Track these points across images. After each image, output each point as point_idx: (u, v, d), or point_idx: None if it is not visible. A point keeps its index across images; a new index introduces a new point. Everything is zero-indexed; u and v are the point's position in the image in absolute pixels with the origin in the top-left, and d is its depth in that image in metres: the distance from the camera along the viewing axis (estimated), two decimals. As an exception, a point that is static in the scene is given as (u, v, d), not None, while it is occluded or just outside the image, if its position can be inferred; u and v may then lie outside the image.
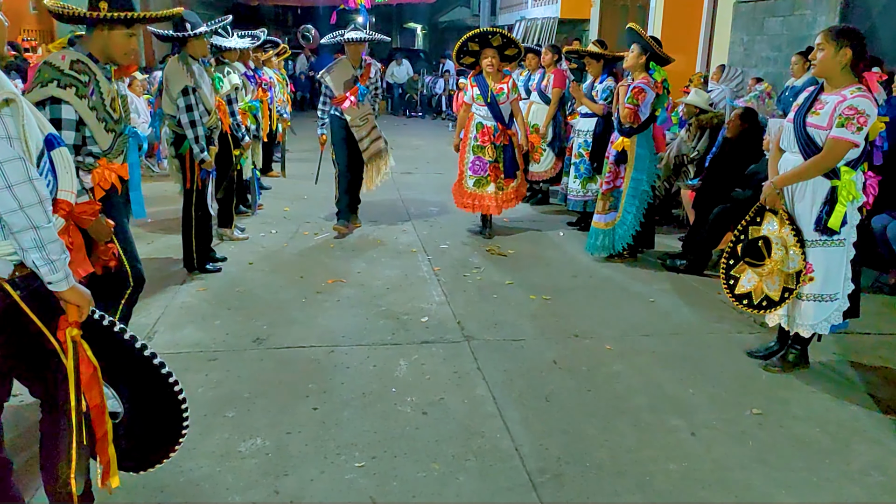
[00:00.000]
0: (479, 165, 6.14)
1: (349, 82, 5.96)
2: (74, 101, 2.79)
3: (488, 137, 6.05)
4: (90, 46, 2.94)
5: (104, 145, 2.95)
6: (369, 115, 6.12)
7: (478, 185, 6.16)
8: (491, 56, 5.87)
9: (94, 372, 2.01)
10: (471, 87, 6.05)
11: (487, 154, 6.09)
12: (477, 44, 5.89)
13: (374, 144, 6.19)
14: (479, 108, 6.02)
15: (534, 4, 17.97)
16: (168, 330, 4.11)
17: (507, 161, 6.12)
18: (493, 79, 5.94)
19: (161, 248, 5.71)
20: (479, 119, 6.08)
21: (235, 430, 3.05)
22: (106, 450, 2.12)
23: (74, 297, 1.94)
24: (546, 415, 3.25)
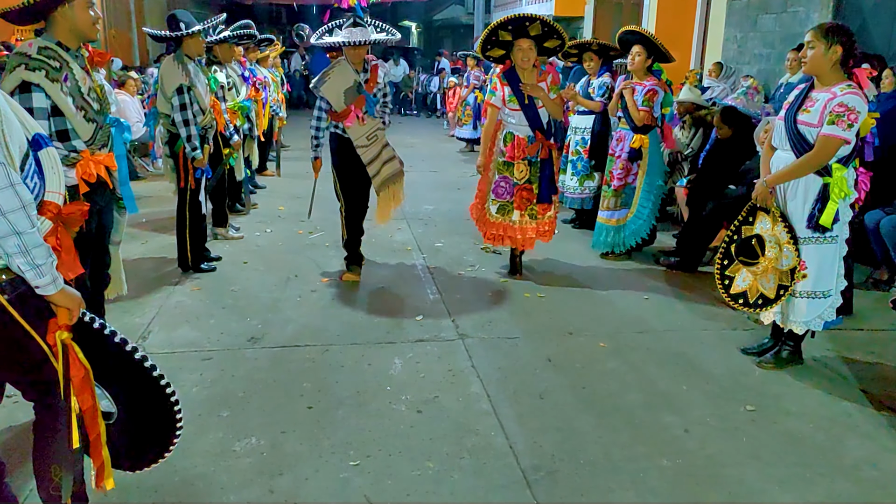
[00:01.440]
0: (503, 188, 4.91)
1: (352, 91, 4.63)
2: (45, 83, 2.72)
3: (521, 151, 4.85)
4: (56, 33, 2.84)
5: (85, 136, 2.88)
6: (379, 130, 4.78)
7: (502, 213, 4.95)
8: (527, 47, 4.67)
9: (86, 374, 2.01)
10: (500, 87, 4.82)
11: (517, 173, 4.88)
12: (510, 32, 4.67)
13: (388, 167, 4.85)
14: (511, 113, 4.83)
15: (528, 2, 17.96)
16: (162, 329, 4.10)
17: (545, 182, 4.87)
18: (529, 76, 4.76)
19: (155, 248, 5.70)
20: (510, 127, 4.89)
21: (230, 429, 3.05)
22: (100, 451, 2.12)
23: (64, 300, 1.93)
24: (540, 412, 3.26)
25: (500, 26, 4.64)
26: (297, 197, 7.64)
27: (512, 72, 4.76)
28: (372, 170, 4.75)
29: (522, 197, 4.88)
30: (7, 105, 1.86)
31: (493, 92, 4.86)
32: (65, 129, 2.80)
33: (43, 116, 2.72)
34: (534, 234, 4.98)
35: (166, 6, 15.13)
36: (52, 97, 2.75)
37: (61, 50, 2.83)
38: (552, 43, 4.81)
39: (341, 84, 4.62)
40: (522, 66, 4.71)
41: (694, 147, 6.47)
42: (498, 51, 4.83)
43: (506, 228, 4.96)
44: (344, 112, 4.61)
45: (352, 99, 4.60)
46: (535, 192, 4.88)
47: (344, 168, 4.84)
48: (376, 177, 4.78)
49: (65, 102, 2.79)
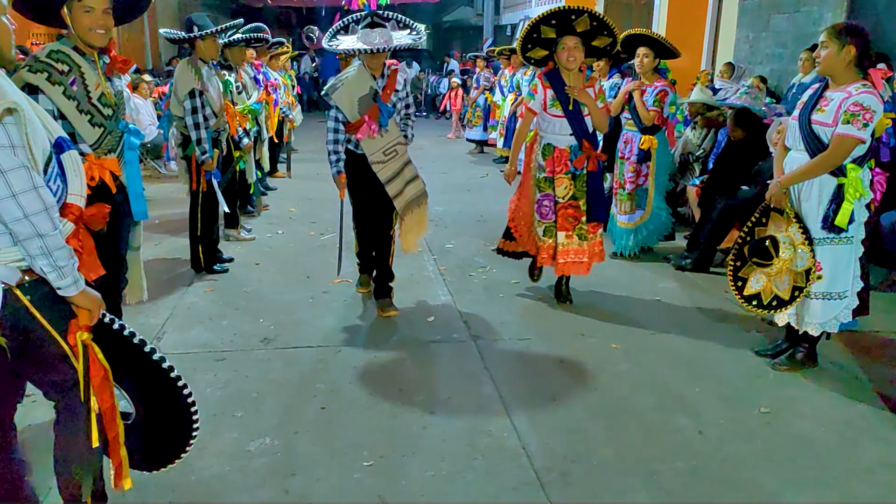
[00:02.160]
0: (547, 208, 4.39)
1: (366, 99, 4.06)
2: (45, 86, 2.74)
3: (562, 164, 4.30)
4: (73, 38, 2.87)
5: (89, 140, 2.89)
6: (398, 145, 4.19)
7: (549, 235, 4.44)
8: (573, 46, 4.12)
9: (105, 375, 2.03)
10: (542, 89, 4.25)
11: (560, 189, 4.30)
12: (554, 29, 4.15)
13: (411, 188, 4.28)
14: (552, 120, 4.26)
15: (537, 4, 17.94)
16: (176, 330, 4.13)
17: (594, 196, 4.33)
18: (575, 79, 4.21)
19: (169, 250, 5.74)
20: (550, 138, 4.32)
21: (244, 429, 3.07)
22: (118, 451, 2.14)
23: (84, 301, 1.96)
24: (553, 413, 3.26)
25: (544, 21, 4.10)
26: (308, 198, 7.68)
27: (555, 74, 4.23)
28: (393, 189, 4.18)
29: (568, 216, 4.32)
30: (31, 109, 1.88)
31: (533, 95, 4.29)
32: (69, 132, 2.80)
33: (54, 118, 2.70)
34: (586, 258, 4.41)
35: (178, 10, 15.23)
36: (53, 100, 2.77)
37: (76, 54, 2.85)
38: (601, 41, 4.25)
39: (355, 91, 4.07)
40: (568, 68, 4.17)
41: (705, 148, 6.45)
42: (540, 51, 4.29)
43: (553, 251, 4.42)
44: (356, 123, 4.06)
45: (366, 108, 4.06)
46: (582, 209, 4.33)
47: (357, 189, 4.27)
48: (399, 197, 4.21)
49: (66, 106, 2.80)
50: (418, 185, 4.33)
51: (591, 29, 4.12)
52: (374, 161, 4.12)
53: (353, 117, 4.07)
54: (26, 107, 1.83)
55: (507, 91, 9.70)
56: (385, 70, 4.13)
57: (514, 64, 9.61)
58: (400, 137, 4.21)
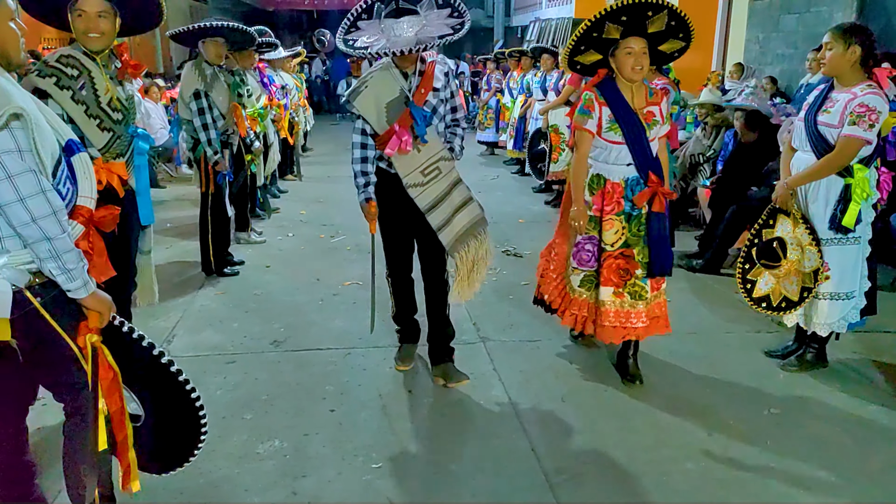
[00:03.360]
0: (588, 253, 3.47)
1: (397, 104, 3.18)
2: (54, 90, 2.76)
3: (615, 202, 3.35)
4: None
5: (98, 144, 2.90)
6: (442, 161, 3.28)
7: (585, 286, 3.51)
8: (640, 51, 3.20)
9: (115, 377, 2.04)
10: (597, 107, 3.29)
11: (610, 233, 3.36)
12: (617, 28, 3.17)
13: (462, 216, 3.34)
14: (607, 146, 3.33)
15: (548, 5, 17.96)
16: (187, 333, 4.16)
17: (658, 243, 3.37)
18: (638, 92, 3.32)
19: (179, 253, 5.78)
20: (601, 168, 3.39)
21: (254, 431, 3.08)
22: (126, 453, 2.16)
23: (94, 303, 1.97)
24: (562, 415, 3.25)
25: (612, 16, 3.14)
26: (318, 201, 7.71)
27: (610, 86, 3.31)
28: (436, 218, 3.28)
29: (616, 268, 3.38)
30: (39, 112, 1.90)
31: (588, 112, 3.30)
32: (78, 136, 2.82)
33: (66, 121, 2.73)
34: (640, 322, 3.46)
35: (189, 14, 15.34)
36: (61, 104, 2.79)
37: (86, 58, 2.87)
38: (671, 45, 3.36)
39: (382, 94, 3.21)
40: (632, 78, 3.24)
41: (715, 149, 6.43)
42: (592, 55, 3.38)
43: (592, 310, 3.52)
44: (385, 135, 3.17)
45: (396, 115, 3.17)
46: (637, 259, 3.38)
47: (389, 217, 3.40)
48: (445, 229, 3.30)
49: (75, 110, 2.82)
50: (472, 212, 3.36)
51: (664, 30, 3.22)
52: (409, 184, 3.24)
53: (382, 128, 3.19)
54: (33, 110, 1.85)
55: (516, 93, 9.71)
56: (418, 65, 3.24)
57: (524, 66, 9.61)
58: (443, 151, 3.28)
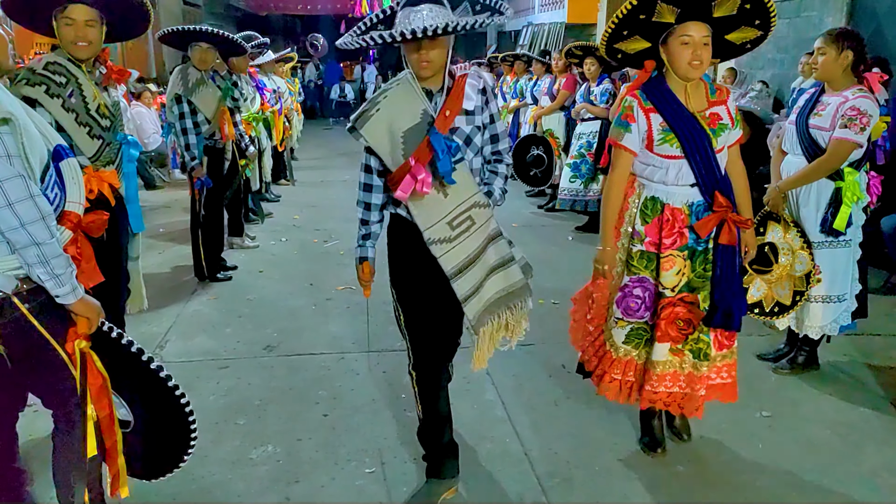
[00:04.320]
0: (637, 300, 2.77)
1: (416, 132, 2.38)
2: (44, 99, 2.75)
3: (677, 232, 2.66)
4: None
5: (88, 152, 2.89)
6: (474, 209, 2.45)
7: (634, 344, 2.82)
8: (701, 39, 2.51)
9: (104, 383, 2.04)
10: (642, 113, 2.62)
11: (670, 273, 2.68)
12: (672, 10, 2.47)
13: (497, 279, 2.55)
14: (664, 163, 2.64)
15: (541, 10, 18.00)
16: (180, 338, 4.15)
17: (729, 285, 2.68)
18: (695, 92, 2.64)
19: (172, 258, 5.77)
20: (654, 189, 2.70)
21: (246, 437, 3.08)
22: (116, 459, 2.15)
23: (83, 309, 1.96)
24: (555, 419, 3.26)
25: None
26: (311, 206, 7.71)
27: (660, 86, 2.62)
28: (462, 287, 2.46)
29: (675, 317, 2.70)
30: (27, 117, 1.90)
31: (627, 125, 2.62)
32: (68, 144, 2.80)
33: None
34: (701, 387, 2.80)
35: (182, 19, 15.32)
36: (52, 113, 2.77)
37: (72, 65, 2.85)
38: (743, 35, 2.61)
39: (399, 119, 2.39)
40: (688, 76, 2.56)
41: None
42: (638, 42, 2.65)
43: (640, 372, 2.83)
44: (397, 173, 2.38)
45: (412, 147, 2.36)
46: (703, 308, 2.71)
47: (407, 278, 2.59)
48: (471, 300, 2.49)
49: (65, 118, 2.80)
50: (510, 277, 2.55)
51: (735, 14, 2.49)
52: (432, 239, 2.42)
53: (398, 163, 2.38)
54: (22, 115, 1.84)
55: (509, 97, 9.73)
56: (445, 79, 2.42)
57: (517, 70, 9.64)
58: (478, 196, 2.44)
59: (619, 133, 2.65)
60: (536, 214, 7.56)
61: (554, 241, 6.48)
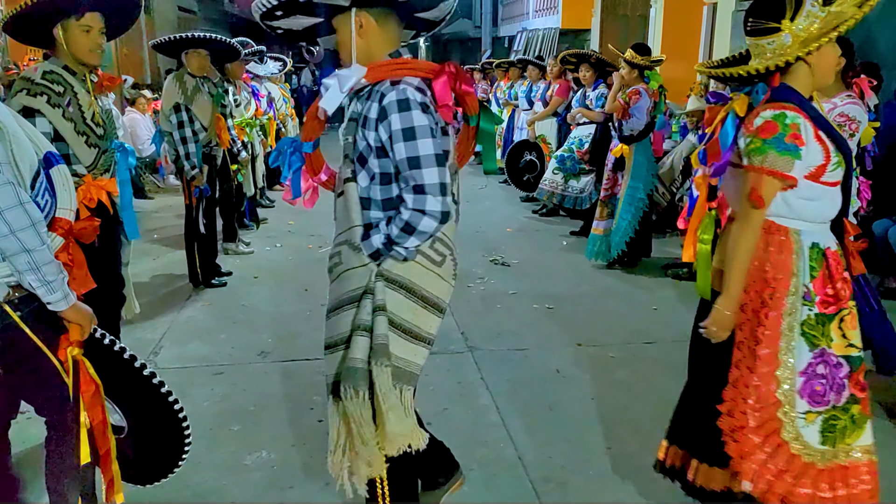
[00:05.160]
0: (826, 380, 2.14)
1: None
2: (46, 109, 2.74)
3: (843, 281, 2.16)
4: (61, 56, 2.84)
5: (86, 161, 2.89)
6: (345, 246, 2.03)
7: (831, 440, 2.16)
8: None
9: (97, 390, 2.03)
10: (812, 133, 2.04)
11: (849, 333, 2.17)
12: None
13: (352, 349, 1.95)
14: (826, 192, 2.10)
15: (535, 15, 18.07)
16: (174, 344, 4.14)
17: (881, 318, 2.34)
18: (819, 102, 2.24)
19: (167, 264, 5.76)
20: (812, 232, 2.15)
21: (241, 443, 3.07)
22: (109, 466, 2.14)
23: (75, 315, 1.95)
24: (549, 423, 3.26)
25: None
26: (306, 211, 7.69)
27: (804, 99, 2.08)
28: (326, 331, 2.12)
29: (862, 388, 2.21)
30: (17, 125, 1.90)
31: (796, 150, 2.00)
32: (66, 153, 2.79)
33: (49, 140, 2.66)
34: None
35: (177, 25, 15.33)
36: (54, 123, 2.76)
37: (67, 74, 2.84)
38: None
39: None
40: (826, 80, 2.16)
41: (702, 155, 6.50)
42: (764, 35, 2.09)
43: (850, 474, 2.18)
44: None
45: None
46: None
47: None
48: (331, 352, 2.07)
49: (66, 128, 2.80)
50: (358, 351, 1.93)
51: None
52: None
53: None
54: (10, 123, 1.84)
55: (503, 103, 9.77)
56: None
57: (511, 76, 9.68)
58: (351, 233, 2.00)
59: (787, 161, 2.00)
60: (530, 219, 7.58)
61: (548, 245, 6.49)
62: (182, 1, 16.49)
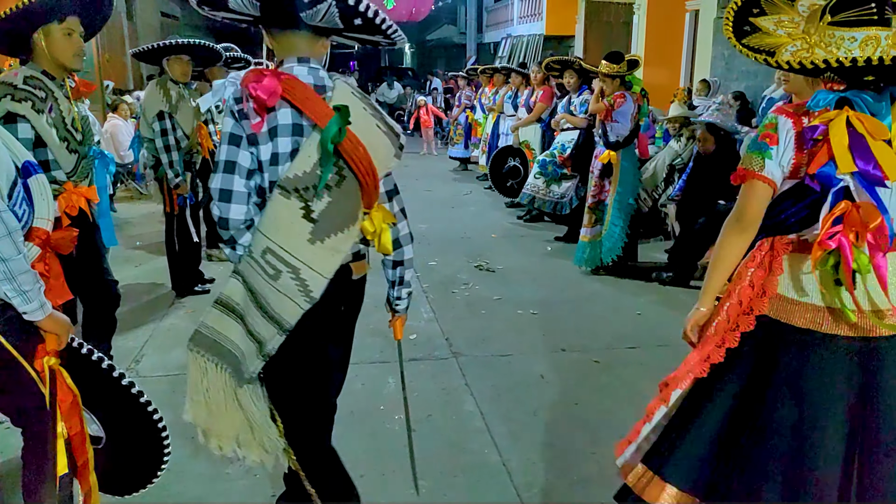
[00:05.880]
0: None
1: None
2: (31, 115, 2.70)
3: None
4: (40, 61, 2.81)
5: (67, 167, 2.86)
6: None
7: None
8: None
9: (74, 400, 2.01)
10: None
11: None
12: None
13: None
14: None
15: (519, 22, 18.17)
16: (156, 353, 4.10)
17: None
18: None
19: (149, 272, 5.71)
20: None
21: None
22: (87, 477, 2.11)
23: (52, 325, 1.93)
24: (534, 429, 3.26)
25: None
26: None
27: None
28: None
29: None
30: None
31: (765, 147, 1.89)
32: (46, 159, 2.77)
33: (28, 147, 2.66)
34: None
35: (160, 31, 15.26)
36: (37, 129, 2.73)
37: (47, 79, 2.81)
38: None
39: None
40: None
41: (684, 158, 6.55)
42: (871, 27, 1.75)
43: None
44: None
45: None
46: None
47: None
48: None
49: (49, 134, 2.76)
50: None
51: None
52: None
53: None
54: None
55: (487, 109, 9.80)
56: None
57: (496, 82, 9.72)
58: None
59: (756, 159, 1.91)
60: (515, 225, 7.59)
61: (533, 251, 6.51)
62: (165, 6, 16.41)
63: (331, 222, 1.94)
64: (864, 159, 1.72)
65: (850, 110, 1.78)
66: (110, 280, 3.36)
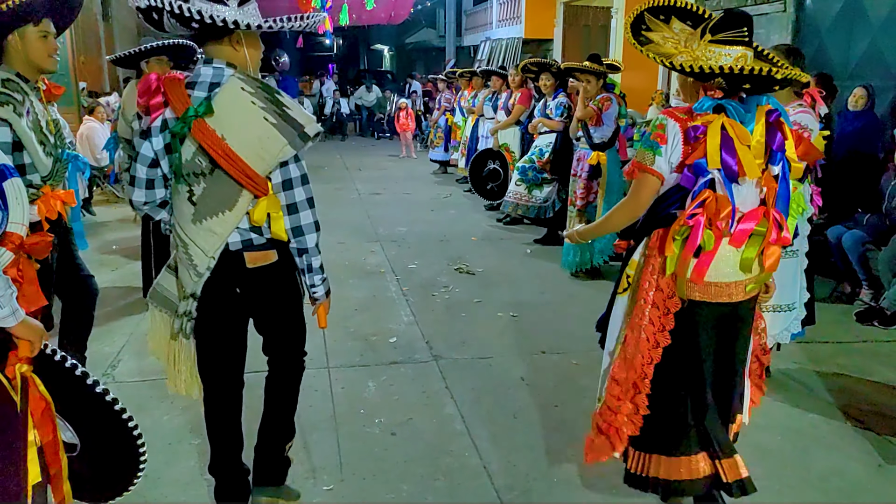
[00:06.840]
0: None
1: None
2: (13, 118, 2.65)
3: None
4: (14, 64, 2.75)
5: (44, 171, 2.80)
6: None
7: None
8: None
9: (47, 407, 1.97)
10: None
11: None
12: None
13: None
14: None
15: (498, 25, 18.23)
16: (133, 357, 4.05)
17: None
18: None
19: (126, 276, 5.64)
20: None
21: (202, 456, 3.01)
22: (60, 486, 2.07)
23: (24, 332, 1.89)
24: (514, 431, 3.27)
25: None
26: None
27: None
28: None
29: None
30: None
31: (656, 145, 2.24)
32: (22, 163, 2.72)
33: (6, 151, 2.62)
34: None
35: (136, 33, 15.10)
36: (18, 132, 2.67)
37: (21, 82, 2.76)
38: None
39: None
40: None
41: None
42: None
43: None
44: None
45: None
46: None
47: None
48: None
49: (29, 137, 2.72)
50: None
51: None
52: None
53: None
54: None
55: (467, 112, 9.82)
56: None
57: (475, 85, 9.74)
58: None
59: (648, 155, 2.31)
60: (495, 227, 7.61)
61: (512, 253, 6.53)
62: (142, 8, 16.23)
63: (206, 206, 2.23)
64: (729, 158, 2.15)
65: (725, 116, 2.17)
66: (86, 275, 3.34)
